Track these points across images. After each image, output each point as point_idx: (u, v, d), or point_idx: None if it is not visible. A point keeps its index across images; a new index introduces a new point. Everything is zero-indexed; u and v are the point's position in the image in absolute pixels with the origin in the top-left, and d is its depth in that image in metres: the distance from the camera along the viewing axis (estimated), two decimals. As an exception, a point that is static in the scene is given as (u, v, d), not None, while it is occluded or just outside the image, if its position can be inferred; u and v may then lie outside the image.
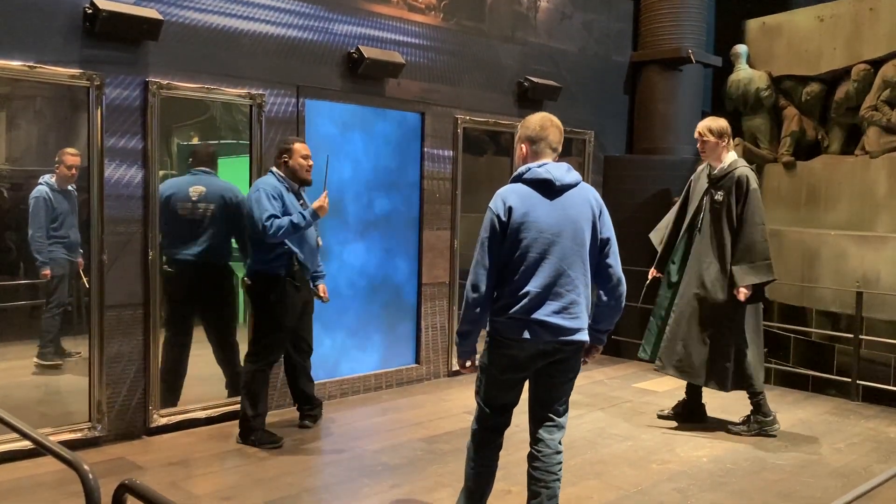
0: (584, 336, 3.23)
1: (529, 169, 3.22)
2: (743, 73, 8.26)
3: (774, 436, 5.12)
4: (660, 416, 5.53)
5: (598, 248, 3.25)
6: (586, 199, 3.24)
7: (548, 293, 3.14)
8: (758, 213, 4.99)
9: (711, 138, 5.06)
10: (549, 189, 3.19)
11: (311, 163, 4.88)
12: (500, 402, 3.34)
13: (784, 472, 4.53)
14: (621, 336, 8.02)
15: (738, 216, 5.00)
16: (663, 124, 8.22)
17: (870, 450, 4.95)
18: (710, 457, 4.77)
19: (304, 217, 4.68)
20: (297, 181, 4.85)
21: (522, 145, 3.33)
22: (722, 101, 8.59)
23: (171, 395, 5.09)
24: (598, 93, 8.03)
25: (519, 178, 3.25)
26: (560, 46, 7.56)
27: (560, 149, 3.34)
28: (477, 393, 3.39)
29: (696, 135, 5.18)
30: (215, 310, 5.31)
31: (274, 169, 4.86)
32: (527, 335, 3.15)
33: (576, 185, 3.24)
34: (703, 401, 5.48)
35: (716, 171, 5.11)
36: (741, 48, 8.36)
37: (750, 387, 5.14)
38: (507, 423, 3.39)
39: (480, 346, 3.33)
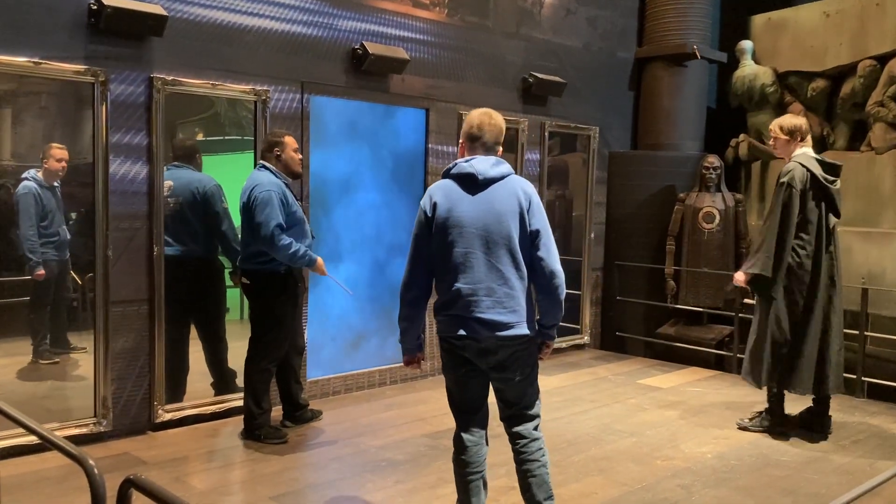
0: (523, 329, 3.14)
1: (456, 164, 3.23)
2: (748, 68, 8.23)
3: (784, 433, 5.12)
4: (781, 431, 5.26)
5: (529, 241, 3.17)
6: (513, 192, 3.17)
7: (479, 289, 3.12)
8: (774, 207, 4.86)
9: (782, 136, 4.99)
10: (472, 183, 3.17)
11: (300, 155, 4.87)
12: (466, 399, 3.31)
13: (788, 469, 4.52)
14: (626, 332, 8.03)
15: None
16: (668, 120, 8.20)
17: (874, 446, 4.94)
18: (714, 453, 4.76)
19: (307, 257, 4.66)
20: (290, 175, 4.80)
21: (461, 141, 3.35)
22: (727, 97, 8.57)
23: (173, 391, 5.10)
24: (602, 89, 8.02)
25: (447, 174, 3.26)
26: (564, 42, 7.55)
27: (497, 146, 3.29)
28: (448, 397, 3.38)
29: (769, 131, 5.15)
30: (202, 306, 5.28)
31: (267, 164, 4.75)
32: (462, 332, 3.14)
33: (502, 178, 3.19)
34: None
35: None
36: (746, 44, 8.33)
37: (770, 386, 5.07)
38: (482, 426, 3.33)
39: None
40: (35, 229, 4.53)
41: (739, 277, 4.95)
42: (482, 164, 3.18)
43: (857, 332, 6.28)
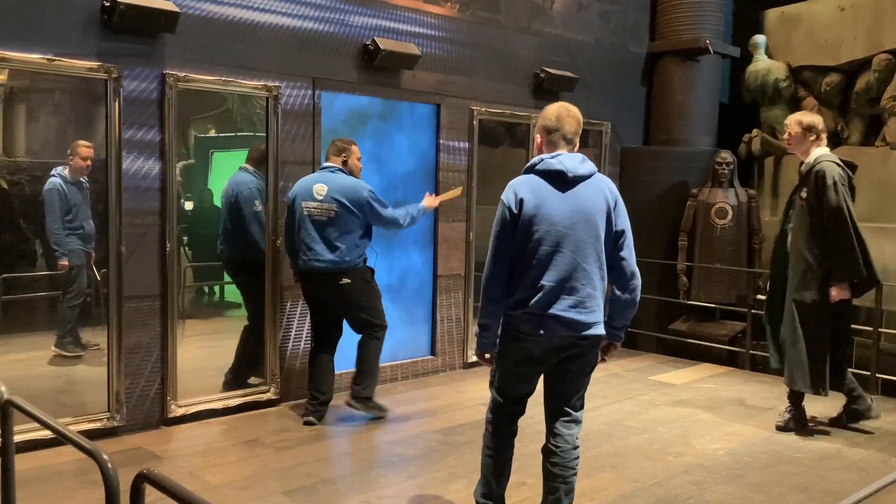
0: (599, 330, 3.18)
1: (542, 160, 3.18)
2: (761, 63, 8.18)
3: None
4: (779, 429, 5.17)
5: (613, 241, 3.18)
6: (600, 191, 3.17)
7: (562, 287, 3.09)
8: (836, 209, 4.70)
9: (798, 130, 4.90)
10: (561, 181, 3.13)
11: (361, 165, 5.18)
12: (515, 393, 3.34)
13: (801, 466, 4.50)
14: (639, 329, 8.00)
15: (824, 213, 4.77)
16: (680, 115, 8.16)
17: (889, 443, 4.91)
18: (726, 449, 4.75)
19: (420, 210, 5.22)
20: None
21: (538, 135, 3.31)
22: (740, 92, 8.52)
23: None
24: (614, 84, 7.99)
25: (531, 170, 3.21)
26: (577, 37, 7.52)
27: (576, 140, 3.27)
28: (491, 384, 3.39)
29: (785, 125, 5.07)
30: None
31: (339, 167, 4.99)
32: (542, 331, 3.12)
33: (590, 176, 3.17)
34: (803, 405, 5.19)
35: (802, 167, 4.96)
36: (759, 38, 8.28)
37: (847, 388, 5.06)
38: (522, 412, 3.39)
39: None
40: (59, 223, 4.63)
41: (837, 294, 4.78)
42: (571, 162, 3.15)
43: (871, 328, 6.24)
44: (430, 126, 6.41)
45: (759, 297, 7.48)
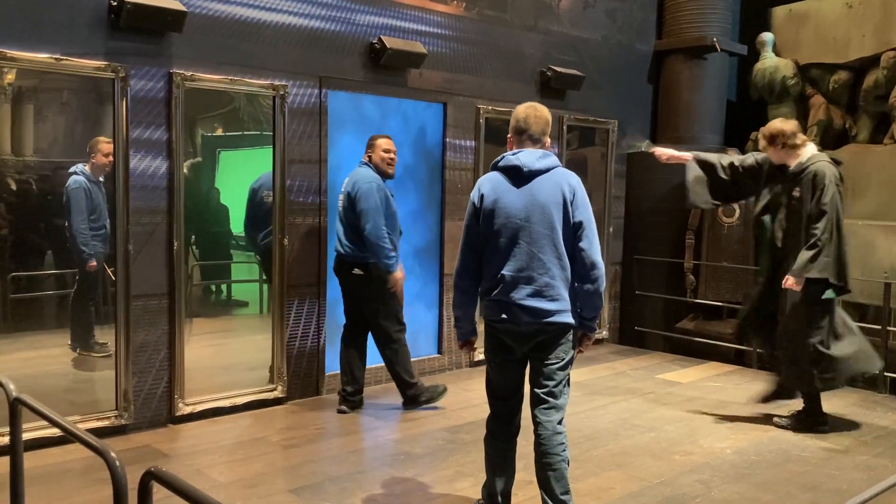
0: (565, 318, 3.26)
1: (504, 157, 3.36)
2: (769, 61, 8.15)
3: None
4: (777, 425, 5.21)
5: (572, 232, 3.26)
6: (557, 184, 3.27)
7: (521, 277, 3.24)
8: (827, 208, 4.73)
9: (763, 143, 4.95)
10: (517, 176, 3.29)
11: (392, 156, 5.22)
12: (500, 386, 3.43)
13: (809, 464, 4.49)
14: (645, 327, 8.00)
15: (814, 210, 4.79)
16: (687, 114, 8.14)
17: (897, 442, 4.90)
18: (733, 448, 4.74)
19: (393, 263, 5.08)
20: (381, 175, 5.16)
21: (509, 137, 3.47)
22: (747, 90, 8.49)
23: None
24: (621, 82, 7.97)
25: (495, 167, 3.39)
26: (583, 35, 7.51)
27: (544, 139, 3.41)
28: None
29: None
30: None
31: (367, 161, 5.20)
32: (504, 316, 3.27)
33: (547, 170, 3.29)
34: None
35: (792, 167, 4.93)
36: (767, 36, 8.25)
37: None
38: (514, 412, 3.43)
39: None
40: (87, 223, 4.65)
41: (792, 283, 4.79)
42: (528, 157, 3.29)
43: (879, 326, 6.22)
44: (437, 124, 6.40)
45: None
